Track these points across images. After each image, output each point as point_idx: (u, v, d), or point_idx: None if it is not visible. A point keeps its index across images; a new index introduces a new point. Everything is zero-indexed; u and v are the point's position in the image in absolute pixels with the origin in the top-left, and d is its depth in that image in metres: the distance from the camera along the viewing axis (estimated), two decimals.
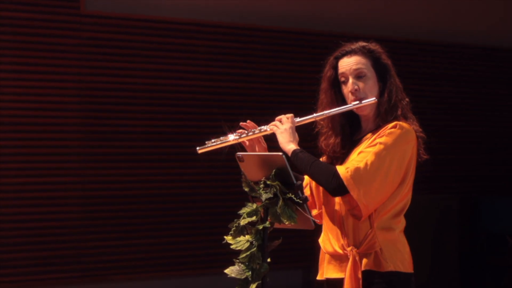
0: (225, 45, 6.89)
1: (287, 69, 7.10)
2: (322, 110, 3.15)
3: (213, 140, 3.18)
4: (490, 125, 8.32)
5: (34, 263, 6.13)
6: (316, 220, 2.96)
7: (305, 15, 7.25)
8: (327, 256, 3.14)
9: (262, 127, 3.15)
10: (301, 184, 2.88)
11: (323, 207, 3.16)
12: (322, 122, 3.20)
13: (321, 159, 3.17)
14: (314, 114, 3.14)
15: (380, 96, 3.09)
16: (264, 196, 2.87)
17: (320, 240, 3.20)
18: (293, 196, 2.84)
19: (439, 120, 7.94)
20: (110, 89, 6.44)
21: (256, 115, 7.06)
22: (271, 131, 3.11)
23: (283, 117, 3.13)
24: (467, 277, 7.56)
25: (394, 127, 3.00)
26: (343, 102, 3.13)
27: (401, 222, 3.09)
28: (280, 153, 2.90)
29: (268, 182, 2.88)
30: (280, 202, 2.85)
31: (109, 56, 6.43)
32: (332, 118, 3.16)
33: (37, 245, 6.15)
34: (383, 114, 3.07)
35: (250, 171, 2.95)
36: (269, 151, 3.11)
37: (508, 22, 8.34)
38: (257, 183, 2.92)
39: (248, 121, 3.19)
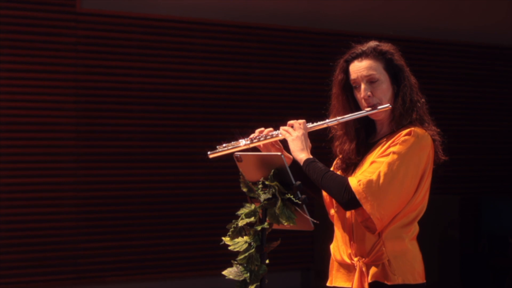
0: (223, 43, 6.89)
1: (286, 67, 7.10)
2: (335, 116, 3.08)
3: (224, 145, 3.12)
4: (493, 125, 8.32)
5: (29, 265, 6.13)
6: (315, 221, 2.95)
7: (305, 13, 7.25)
8: (335, 264, 3.11)
9: (274, 132, 3.10)
10: (300, 185, 2.87)
11: (335, 211, 3.11)
12: (336, 126, 3.13)
13: (335, 162, 3.14)
14: (327, 120, 3.07)
15: (394, 99, 3.03)
16: (263, 197, 2.86)
17: (331, 246, 3.16)
18: (292, 196, 2.84)
19: (440, 120, 7.92)
20: (106, 88, 6.44)
21: (255, 114, 7.11)
22: (283, 137, 3.05)
23: (295, 122, 3.04)
24: (468, 279, 7.56)
25: (409, 134, 2.94)
26: (356, 106, 3.07)
27: (413, 230, 3.06)
28: (279, 153, 2.89)
29: (266, 183, 2.88)
30: (279, 203, 2.84)
31: (105, 55, 6.43)
32: (346, 123, 3.08)
33: (32, 246, 6.14)
34: (398, 119, 3.01)
35: (249, 172, 2.95)
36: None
37: None
38: (255, 183, 2.92)
39: (259, 130, 3.11)
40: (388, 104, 3.00)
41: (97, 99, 6.40)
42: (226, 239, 2.92)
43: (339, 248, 3.08)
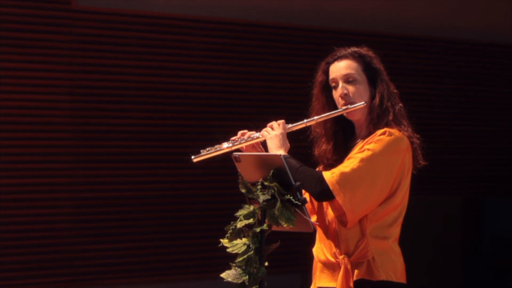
0: (221, 41, 6.88)
1: (286, 66, 7.10)
2: (314, 116, 3.19)
3: (207, 149, 3.19)
4: (496, 124, 8.32)
5: (24, 267, 6.12)
6: (315, 223, 2.96)
7: (305, 11, 7.25)
8: (319, 265, 3.17)
9: (255, 134, 3.18)
10: (300, 185, 2.88)
11: (316, 214, 3.18)
12: (317, 130, 3.24)
13: (317, 169, 3.20)
14: (305, 120, 3.17)
15: (371, 101, 3.13)
16: (262, 198, 2.87)
17: (314, 249, 3.23)
18: (291, 197, 2.84)
19: (442, 119, 7.94)
20: (102, 87, 6.43)
21: (253, 114, 7.10)
22: (263, 138, 3.13)
23: (274, 123, 3.14)
24: (471, 280, 7.56)
25: (383, 134, 3.04)
26: (335, 107, 3.17)
27: (395, 232, 3.11)
28: (278, 153, 2.89)
29: (265, 183, 2.88)
30: (278, 204, 2.85)
31: (101, 53, 6.42)
32: (324, 124, 3.20)
33: (27, 248, 6.13)
34: (375, 119, 3.10)
35: (247, 172, 2.95)
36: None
37: None
38: (254, 184, 2.92)
39: (242, 132, 3.23)
40: (363, 102, 3.10)
41: (93, 98, 6.39)
42: (225, 241, 2.93)
43: (323, 249, 3.14)
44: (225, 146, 3.18)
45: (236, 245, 2.89)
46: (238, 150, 3.11)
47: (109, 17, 6.44)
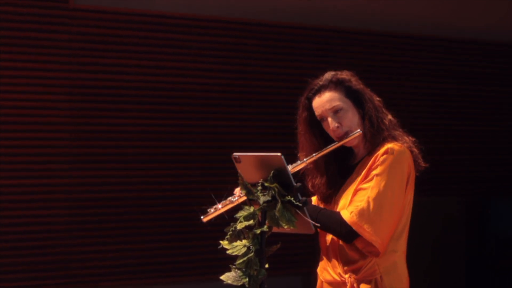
0: (221, 40, 6.88)
1: (285, 65, 7.09)
2: (305, 152, 3.22)
3: (214, 207, 3.33)
4: (498, 124, 8.31)
5: (19, 269, 6.12)
6: (316, 224, 2.96)
7: (306, 9, 7.25)
8: (325, 285, 3.18)
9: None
10: (301, 186, 2.87)
11: (320, 234, 3.22)
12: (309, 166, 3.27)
13: (312, 198, 3.28)
14: (304, 160, 3.17)
15: (362, 122, 3.15)
16: (262, 199, 2.86)
17: (318, 269, 3.25)
18: (292, 198, 2.83)
19: (445, 119, 7.94)
20: (100, 87, 6.43)
21: (253, 114, 7.10)
22: None
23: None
24: (473, 282, 7.57)
25: (386, 152, 3.06)
26: (326, 140, 3.20)
27: (403, 243, 3.14)
28: (279, 154, 2.89)
29: (266, 184, 2.87)
30: (279, 205, 2.84)
31: (100, 52, 6.42)
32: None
33: (22, 250, 6.13)
34: (371, 140, 3.13)
35: (247, 173, 2.94)
36: None
37: None
38: (254, 185, 2.92)
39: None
40: (358, 130, 3.12)
41: (91, 98, 6.39)
42: (224, 243, 2.92)
43: (327, 267, 3.17)
44: (233, 200, 3.22)
45: (236, 247, 2.88)
46: (244, 202, 3.09)
47: (107, 16, 6.44)
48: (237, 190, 3.19)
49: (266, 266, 2.88)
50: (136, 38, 6.55)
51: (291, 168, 3.14)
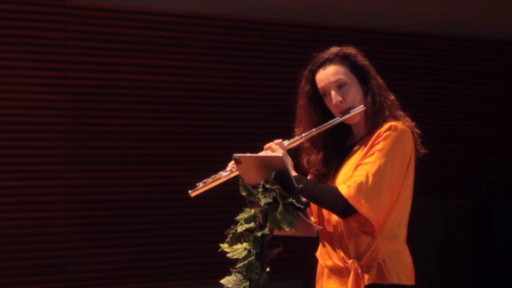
0: (222, 38, 6.88)
1: (287, 64, 7.09)
2: (303, 127, 3.19)
3: (204, 181, 3.21)
4: (505, 124, 8.30)
5: (16, 273, 6.11)
6: (318, 227, 2.96)
7: (307, 7, 7.24)
8: (326, 271, 3.16)
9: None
10: (303, 188, 2.87)
11: (318, 216, 3.19)
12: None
13: (308, 178, 3.21)
14: (303, 135, 3.16)
15: (364, 99, 3.12)
16: (263, 201, 2.86)
17: (318, 254, 3.22)
18: (294, 201, 2.83)
19: (450, 119, 7.93)
20: (98, 86, 6.43)
21: (253, 114, 7.09)
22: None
23: (272, 144, 3.12)
24: (479, 285, 7.57)
25: (389, 129, 3.03)
26: (324, 117, 3.16)
27: (404, 231, 3.12)
28: (280, 155, 2.89)
29: (267, 186, 2.87)
30: (280, 207, 2.84)
31: (96, 51, 6.41)
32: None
33: (19, 253, 6.12)
34: (372, 118, 3.10)
35: (248, 174, 2.94)
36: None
37: None
38: (255, 186, 2.91)
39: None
40: (362, 106, 3.09)
41: (88, 98, 6.38)
42: (225, 246, 2.92)
43: (329, 253, 3.13)
44: (223, 175, 3.18)
45: (237, 250, 2.88)
46: (236, 177, 3.08)
47: (105, 14, 6.43)
48: (230, 165, 3.16)
49: (268, 269, 2.88)
50: (134, 36, 6.54)
51: (288, 143, 3.13)
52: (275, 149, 3.09)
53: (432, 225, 6.93)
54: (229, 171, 3.17)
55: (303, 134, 3.16)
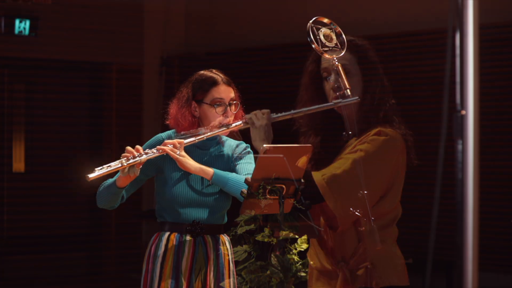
0: None
1: (285, 63, 7.09)
2: (302, 107, 3.10)
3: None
4: None
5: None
6: (320, 228, 2.93)
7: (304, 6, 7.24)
8: (315, 272, 3.09)
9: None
10: (304, 189, 2.83)
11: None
12: (301, 121, 3.15)
13: None
14: (292, 111, 3.09)
15: (363, 95, 3.04)
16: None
17: (308, 255, 3.14)
18: (295, 202, 2.80)
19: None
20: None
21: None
22: (245, 126, 3.07)
23: (258, 112, 3.10)
24: None
25: (378, 134, 2.96)
26: (324, 99, 3.08)
27: (393, 232, 3.05)
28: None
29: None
30: (281, 209, 2.82)
31: None
32: (312, 116, 3.11)
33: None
34: (365, 115, 3.01)
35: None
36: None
37: None
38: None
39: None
40: (357, 97, 3.00)
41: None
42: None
43: (318, 255, 3.07)
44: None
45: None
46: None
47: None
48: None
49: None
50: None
51: (276, 117, 3.04)
52: (259, 117, 3.05)
53: None
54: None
55: (292, 111, 3.08)
